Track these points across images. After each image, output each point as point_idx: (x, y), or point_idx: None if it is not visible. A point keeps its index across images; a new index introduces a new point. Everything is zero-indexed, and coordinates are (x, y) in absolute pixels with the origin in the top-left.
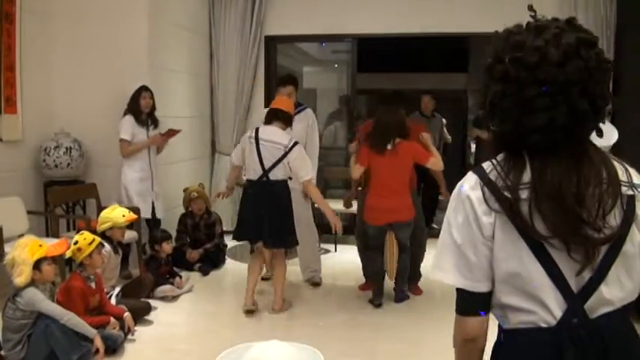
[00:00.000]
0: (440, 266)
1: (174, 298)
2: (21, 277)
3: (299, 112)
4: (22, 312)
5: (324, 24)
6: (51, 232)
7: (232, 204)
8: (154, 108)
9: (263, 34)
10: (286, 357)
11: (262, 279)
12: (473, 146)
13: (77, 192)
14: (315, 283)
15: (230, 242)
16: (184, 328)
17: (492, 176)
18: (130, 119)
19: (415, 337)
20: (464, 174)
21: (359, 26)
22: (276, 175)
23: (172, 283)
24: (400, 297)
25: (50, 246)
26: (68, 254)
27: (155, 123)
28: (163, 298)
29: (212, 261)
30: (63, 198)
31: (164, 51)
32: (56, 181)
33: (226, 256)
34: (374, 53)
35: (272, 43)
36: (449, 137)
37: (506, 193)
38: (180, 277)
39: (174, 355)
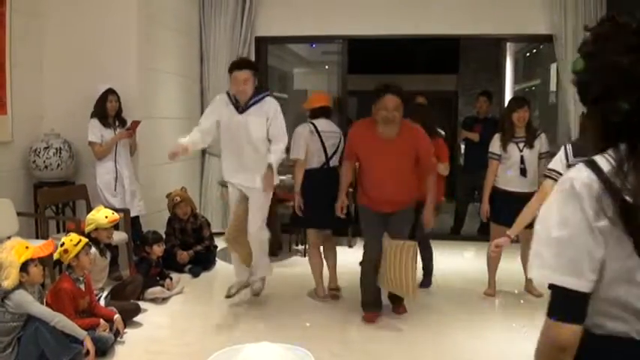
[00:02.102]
0: (540, 264)
1: (165, 299)
2: (8, 279)
3: (256, 102)
4: (11, 315)
5: (314, 25)
6: (41, 233)
7: (222, 205)
8: (120, 110)
9: (253, 35)
10: (277, 358)
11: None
12: (462, 147)
13: (67, 193)
14: (255, 293)
15: (220, 244)
16: (174, 330)
17: (610, 174)
18: (95, 122)
19: (406, 337)
20: (453, 174)
21: (349, 27)
22: (334, 161)
23: (163, 285)
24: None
25: (37, 247)
26: (56, 256)
27: (123, 123)
28: (153, 300)
29: (202, 263)
30: (53, 199)
31: (154, 52)
32: (46, 183)
33: (217, 258)
34: (365, 54)
35: (262, 44)
36: (442, 132)
37: (627, 197)
38: (171, 278)
39: (164, 357)
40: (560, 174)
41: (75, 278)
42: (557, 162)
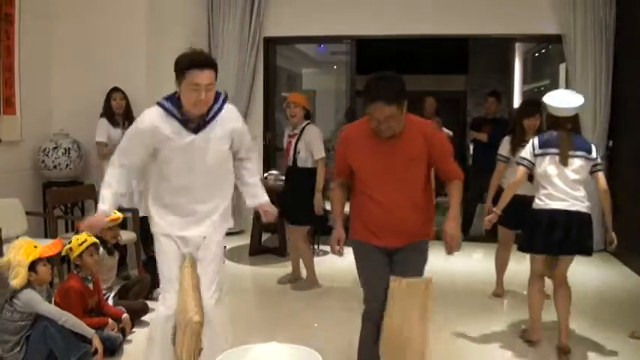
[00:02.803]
0: None
1: None
2: (17, 278)
3: (215, 114)
4: (20, 314)
5: (322, 25)
6: (50, 233)
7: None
8: (128, 108)
9: (262, 35)
10: (285, 358)
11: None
12: (471, 147)
13: (76, 193)
14: None
15: (230, 243)
16: None
17: None
18: (103, 121)
19: None
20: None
21: (357, 28)
22: None
23: None
24: None
25: (45, 247)
26: (63, 252)
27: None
28: None
29: None
30: (61, 199)
31: (162, 53)
32: (55, 182)
33: (225, 258)
34: (373, 55)
35: (271, 44)
36: (450, 132)
37: None
38: None
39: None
40: (531, 162)
41: (83, 277)
42: (527, 152)
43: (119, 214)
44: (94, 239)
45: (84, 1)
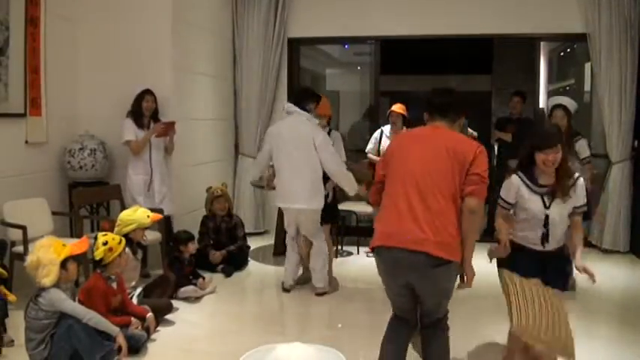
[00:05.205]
0: None
1: (198, 299)
2: (49, 277)
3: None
4: (44, 312)
5: (346, 26)
6: (75, 232)
7: (254, 206)
8: (156, 112)
9: (286, 36)
10: (309, 359)
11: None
12: (496, 147)
13: (101, 193)
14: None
15: (253, 244)
16: (207, 329)
17: None
18: (129, 122)
19: None
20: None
21: (382, 28)
22: None
23: (195, 284)
24: None
25: (73, 245)
26: (99, 255)
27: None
28: (186, 299)
29: (235, 262)
30: (87, 199)
31: (187, 54)
32: (80, 183)
33: (249, 258)
34: (397, 55)
35: (295, 45)
36: (475, 133)
37: None
38: (204, 278)
39: (196, 355)
40: None
41: (107, 277)
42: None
43: (159, 214)
44: (124, 239)
45: (109, 3)
